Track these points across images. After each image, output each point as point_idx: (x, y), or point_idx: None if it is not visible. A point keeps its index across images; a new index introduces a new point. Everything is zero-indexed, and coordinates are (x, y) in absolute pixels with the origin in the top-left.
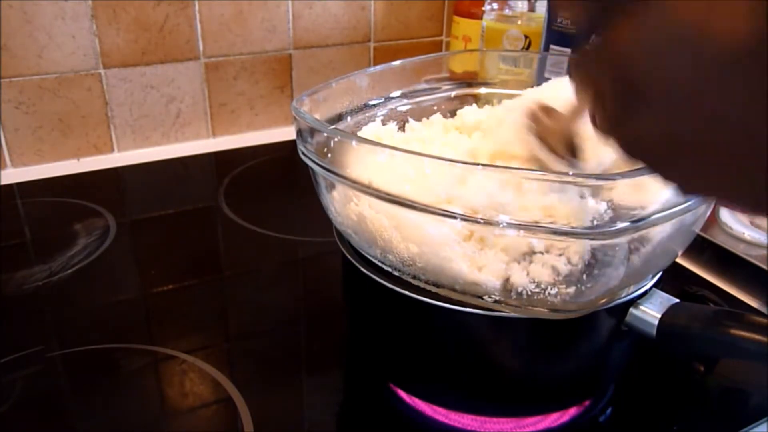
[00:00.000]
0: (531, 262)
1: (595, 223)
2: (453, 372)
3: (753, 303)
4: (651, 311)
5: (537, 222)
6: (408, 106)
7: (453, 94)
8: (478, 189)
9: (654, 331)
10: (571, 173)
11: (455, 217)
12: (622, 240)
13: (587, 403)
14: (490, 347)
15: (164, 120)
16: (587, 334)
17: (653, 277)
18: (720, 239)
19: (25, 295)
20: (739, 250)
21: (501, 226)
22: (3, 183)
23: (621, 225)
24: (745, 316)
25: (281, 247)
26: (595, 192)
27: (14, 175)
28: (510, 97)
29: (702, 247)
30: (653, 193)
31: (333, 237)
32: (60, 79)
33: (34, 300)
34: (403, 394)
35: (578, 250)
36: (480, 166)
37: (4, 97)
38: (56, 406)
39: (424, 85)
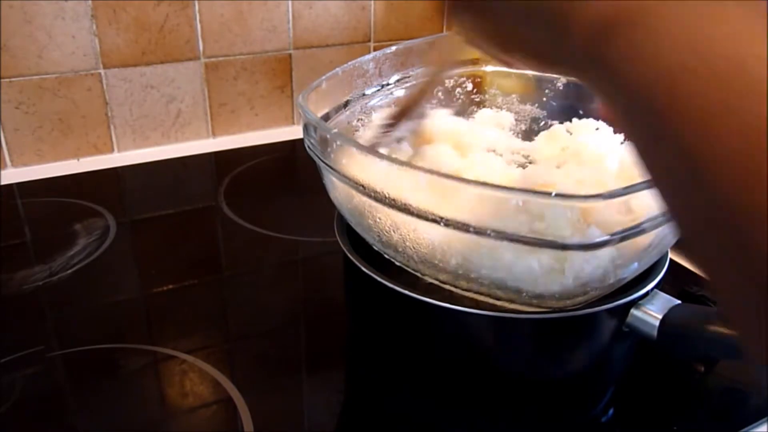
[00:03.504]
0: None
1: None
2: (453, 371)
3: None
4: (652, 312)
5: (521, 233)
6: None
7: (459, 72)
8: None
9: (655, 332)
10: (554, 193)
11: (447, 224)
12: (603, 252)
13: (588, 402)
14: (491, 348)
15: (164, 120)
16: (589, 335)
17: (654, 278)
18: None
19: (25, 295)
20: None
21: (488, 235)
22: (3, 183)
23: (601, 238)
24: None
25: (281, 247)
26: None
27: (14, 175)
28: (514, 76)
29: None
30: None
31: (333, 237)
32: (60, 79)
33: (34, 300)
34: (403, 393)
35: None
36: (468, 183)
37: (4, 97)
38: (56, 406)
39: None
